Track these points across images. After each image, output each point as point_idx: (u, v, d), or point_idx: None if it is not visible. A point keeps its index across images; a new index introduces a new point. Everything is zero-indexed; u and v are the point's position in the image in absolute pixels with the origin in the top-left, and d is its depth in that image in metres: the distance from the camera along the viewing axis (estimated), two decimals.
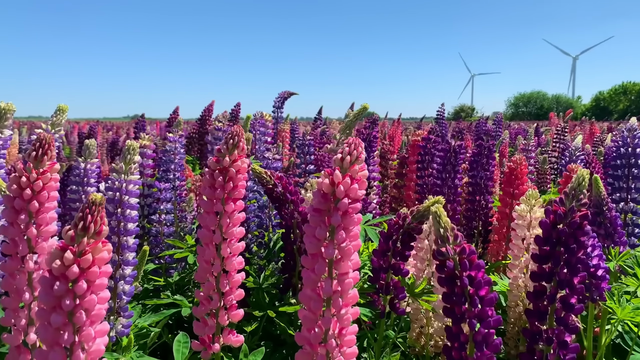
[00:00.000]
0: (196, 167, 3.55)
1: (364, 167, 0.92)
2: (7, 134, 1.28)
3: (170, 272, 1.77)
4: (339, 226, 0.87)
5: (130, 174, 1.18)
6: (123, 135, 4.59)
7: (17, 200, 0.91)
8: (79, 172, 1.54)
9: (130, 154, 1.19)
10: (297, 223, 1.43)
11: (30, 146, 0.96)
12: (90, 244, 0.75)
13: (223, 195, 1.05)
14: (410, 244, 1.24)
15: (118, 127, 10.16)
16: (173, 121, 3.54)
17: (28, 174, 0.92)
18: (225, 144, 1.06)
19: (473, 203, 1.82)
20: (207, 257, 1.09)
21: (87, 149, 1.57)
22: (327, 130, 3.82)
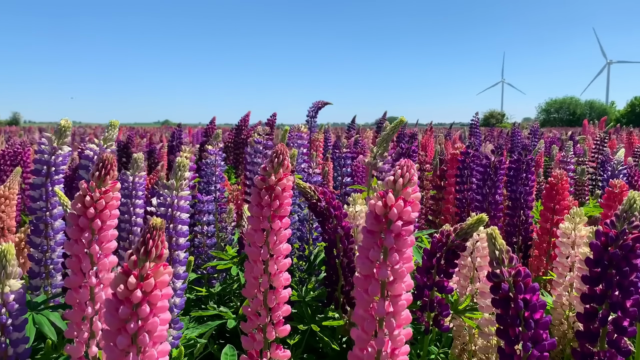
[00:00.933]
0: (232, 176, 3.61)
1: (416, 189, 0.93)
2: (66, 150, 1.33)
3: (212, 282, 1.81)
4: (392, 248, 0.89)
5: (181, 189, 1.22)
6: (159, 144, 4.68)
7: (82, 218, 0.96)
8: (128, 185, 1.59)
9: (181, 171, 1.23)
10: (340, 237, 1.45)
11: (94, 166, 1.00)
12: (152, 268, 0.78)
13: (269, 213, 1.08)
14: (454, 262, 1.24)
15: (151, 134, 10.36)
16: (210, 131, 3.61)
17: (92, 193, 0.96)
18: (270, 163, 1.08)
19: (513, 218, 1.81)
20: (255, 274, 1.11)
21: (135, 162, 1.62)
22: (361, 140, 3.84)
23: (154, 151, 3.75)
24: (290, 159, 1.19)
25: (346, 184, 2.04)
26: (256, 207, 1.09)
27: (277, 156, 1.09)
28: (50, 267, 1.33)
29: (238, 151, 3.43)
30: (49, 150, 1.32)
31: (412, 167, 0.93)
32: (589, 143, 4.97)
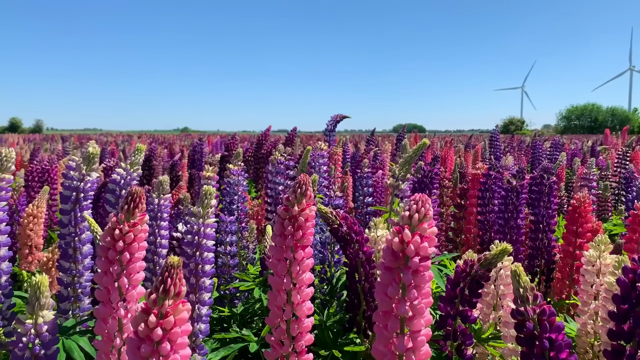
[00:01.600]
0: (251, 189, 3.64)
1: (432, 223, 0.94)
2: (94, 176, 1.37)
3: (235, 302, 1.82)
4: (410, 285, 0.89)
5: (207, 217, 1.24)
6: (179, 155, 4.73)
7: (111, 251, 0.98)
8: (153, 207, 1.61)
9: (207, 199, 1.25)
10: (362, 262, 1.45)
11: (124, 200, 1.03)
12: (171, 306, 0.79)
13: (293, 243, 1.09)
14: (477, 292, 1.24)
15: (171, 143, 10.48)
16: (232, 146, 3.64)
17: (121, 226, 0.99)
18: (293, 193, 1.10)
19: (535, 241, 1.80)
20: (279, 303, 1.13)
21: (161, 184, 1.65)
22: (380, 155, 3.84)
23: (175, 165, 3.79)
24: (312, 184, 1.21)
25: (367, 204, 2.04)
26: (279, 237, 1.10)
27: (300, 186, 1.10)
28: (79, 290, 1.36)
29: (258, 165, 3.45)
30: (78, 177, 1.35)
31: (427, 201, 0.94)
32: (612, 156, 4.89)
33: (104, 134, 29.55)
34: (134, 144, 9.72)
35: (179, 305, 0.81)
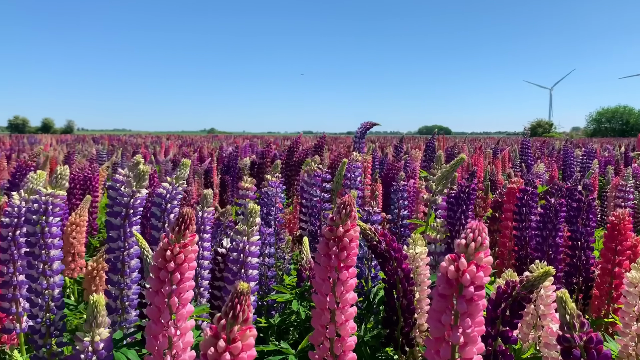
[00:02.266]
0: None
1: (487, 252, 0.95)
2: (143, 193, 1.41)
3: (272, 313, 1.86)
4: (464, 313, 0.91)
5: (252, 235, 1.28)
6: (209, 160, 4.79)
7: (162, 271, 1.02)
8: (197, 220, 1.66)
9: (252, 217, 1.28)
10: (401, 279, 1.47)
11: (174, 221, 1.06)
12: (239, 332, 0.83)
13: (337, 263, 1.12)
14: (519, 313, 1.25)
15: (200, 146, 10.61)
16: (267, 153, 3.69)
17: (172, 247, 1.03)
18: (338, 214, 1.12)
19: (573, 258, 1.78)
20: (322, 322, 1.15)
21: (205, 198, 1.69)
22: (410, 162, 3.84)
23: (210, 171, 3.86)
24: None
25: (403, 216, 2.05)
26: (324, 257, 1.13)
27: (345, 207, 1.12)
28: (126, 303, 1.41)
29: (290, 173, 3.49)
30: (128, 194, 1.40)
31: (483, 230, 0.95)
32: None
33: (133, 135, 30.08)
34: (163, 146, 9.89)
35: (246, 331, 0.84)
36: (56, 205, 1.33)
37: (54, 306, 1.34)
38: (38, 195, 1.32)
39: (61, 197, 1.34)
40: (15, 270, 1.37)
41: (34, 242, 1.31)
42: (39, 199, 1.31)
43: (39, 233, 1.30)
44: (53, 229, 1.32)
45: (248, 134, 62.62)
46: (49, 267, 1.33)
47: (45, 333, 1.33)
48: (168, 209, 1.58)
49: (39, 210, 1.31)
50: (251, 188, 2.10)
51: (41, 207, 1.31)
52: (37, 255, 1.31)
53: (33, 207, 1.31)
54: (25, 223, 1.33)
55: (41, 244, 1.31)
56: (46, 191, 1.32)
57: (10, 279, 1.37)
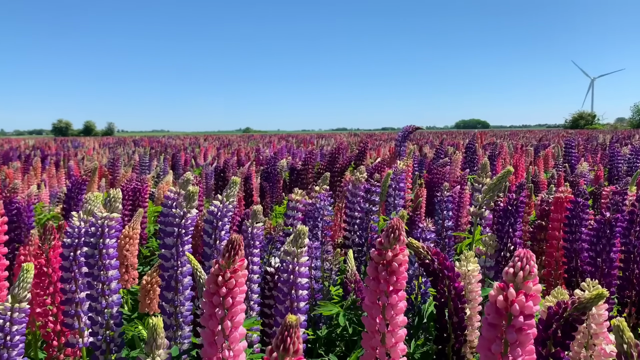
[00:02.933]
0: None
1: (536, 281, 0.95)
2: (194, 213, 1.46)
3: (319, 325, 1.88)
4: (514, 343, 0.91)
5: (301, 256, 1.30)
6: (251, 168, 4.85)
7: (215, 296, 1.06)
8: (247, 235, 1.70)
9: (301, 238, 1.31)
10: (452, 298, 1.47)
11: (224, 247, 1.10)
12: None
13: (387, 287, 1.13)
14: (571, 334, 1.23)
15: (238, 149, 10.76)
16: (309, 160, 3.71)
17: (223, 272, 1.06)
18: (387, 237, 1.13)
19: (626, 271, 1.74)
20: (373, 345, 1.16)
21: (255, 214, 1.72)
22: (450, 168, 3.80)
23: (249, 177, 3.92)
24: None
25: (448, 228, 2.05)
26: (373, 281, 1.14)
27: (394, 231, 1.14)
28: (180, 320, 1.46)
29: (333, 179, 3.51)
30: (180, 215, 1.45)
31: (532, 258, 0.95)
32: None
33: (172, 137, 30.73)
34: (202, 149, 10.06)
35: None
36: (112, 227, 1.39)
37: (113, 324, 1.40)
38: (95, 218, 1.38)
39: (116, 219, 1.40)
40: (77, 288, 1.44)
41: (92, 263, 1.37)
42: (96, 222, 1.37)
43: (97, 255, 1.36)
44: (110, 251, 1.38)
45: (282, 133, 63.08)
46: (107, 286, 1.39)
47: (106, 350, 1.40)
48: (219, 227, 1.62)
49: (96, 233, 1.37)
50: (301, 201, 2.13)
51: (98, 230, 1.37)
52: (96, 275, 1.37)
53: (91, 230, 1.37)
54: (84, 244, 1.39)
55: (99, 265, 1.37)
56: (102, 214, 1.38)
57: (72, 296, 1.44)
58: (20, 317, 1.19)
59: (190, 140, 21.68)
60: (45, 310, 1.53)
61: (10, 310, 1.17)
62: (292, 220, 2.10)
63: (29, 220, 2.35)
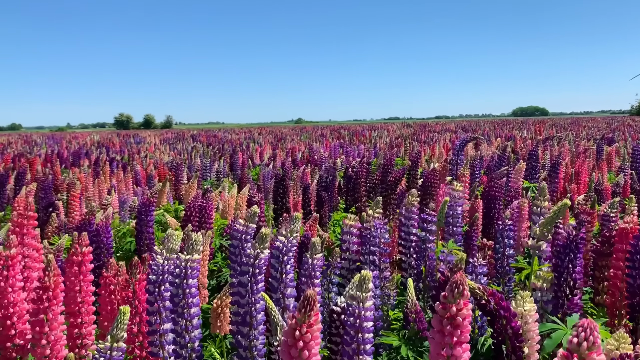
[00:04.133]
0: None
1: (600, 351, 0.99)
2: (266, 253, 1.57)
3: (379, 351, 1.97)
4: None
5: (366, 301, 1.38)
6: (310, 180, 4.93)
7: (293, 349, 1.16)
8: (307, 266, 1.80)
9: (365, 283, 1.39)
10: (510, 337, 1.51)
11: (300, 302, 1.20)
12: None
13: (451, 340, 1.19)
14: None
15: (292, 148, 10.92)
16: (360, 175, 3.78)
17: (299, 327, 1.16)
18: (451, 292, 1.20)
19: None
20: None
21: (314, 246, 1.82)
22: (513, 181, 3.76)
23: (307, 188, 4.03)
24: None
25: (508, 256, 2.07)
26: (438, 334, 1.22)
27: (457, 286, 1.20)
28: (255, 353, 1.58)
29: (385, 193, 3.57)
30: (254, 256, 1.56)
31: (595, 329, 0.99)
32: None
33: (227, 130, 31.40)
34: (258, 149, 10.28)
35: None
36: (194, 268, 1.52)
37: (195, 357, 1.54)
38: (179, 260, 1.52)
39: (198, 261, 1.53)
40: (161, 320, 1.58)
41: (177, 301, 1.51)
42: (180, 264, 1.51)
43: (181, 294, 1.50)
44: (192, 290, 1.51)
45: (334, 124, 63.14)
46: (189, 322, 1.52)
47: None
48: (285, 261, 1.72)
49: (180, 275, 1.50)
50: (355, 225, 2.21)
51: (182, 271, 1.50)
52: (180, 313, 1.51)
53: (175, 271, 1.51)
54: (170, 284, 1.53)
55: (183, 303, 1.51)
56: (185, 257, 1.52)
57: (156, 327, 1.58)
58: (117, 355, 1.33)
59: (245, 135, 22.16)
60: (132, 338, 1.69)
61: (110, 349, 1.32)
62: (347, 244, 2.19)
63: (107, 241, 2.55)
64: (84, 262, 1.90)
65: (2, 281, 1.84)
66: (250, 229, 1.92)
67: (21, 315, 1.88)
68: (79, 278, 1.89)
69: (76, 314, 1.88)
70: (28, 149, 15.26)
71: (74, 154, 10.14)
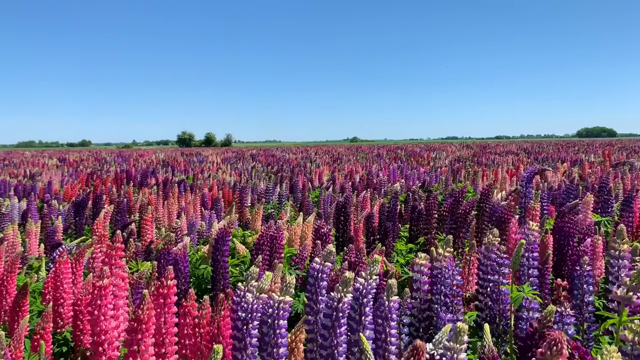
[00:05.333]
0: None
1: None
2: (349, 297, 1.61)
3: None
4: None
5: (460, 352, 1.39)
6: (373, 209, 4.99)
7: None
8: (383, 308, 1.81)
9: (461, 336, 1.40)
10: None
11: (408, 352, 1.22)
12: None
13: None
14: None
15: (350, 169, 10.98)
16: (432, 207, 3.76)
17: None
18: (549, 349, 1.20)
19: None
20: None
21: (390, 288, 1.84)
22: (583, 216, 3.63)
23: (372, 217, 4.05)
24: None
25: (588, 303, 2.01)
26: None
27: (556, 344, 1.20)
28: None
29: (455, 225, 3.53)
30: (337, 299, 1.60)
31: None
32: None
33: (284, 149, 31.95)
34: (317, 172, 10.38)
35: None
36: (286, 310, 1.58)
37: None
38: (272, 300, 1.58)
39: (290, 303, 1.59)
40: (247, 357, 1.64)
41: (267, 340, 1.57)
42: (273, 305, 1.58)
43: (272, 334, 1.56)
44: (282, 331, 1.57)
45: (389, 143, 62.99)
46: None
47: None
48: (364, 303, 1.75)
49: (272, 315, 1.57)
50: (425, 264, 2.21)
51: (275, 312, 1.57)
52: (269, 352, 1.57)
53: (268, 311, 1.57)
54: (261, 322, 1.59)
55: (272, 343, 1.57)
56: (278, 297, 1.58)
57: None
58: None
59: (301, 154, 22.48)
60: None
61: None
62: (419, 284, 2.19)
63: (184, 270, 2.67)
64: (169, 295, 2.01)
65: (96, 309, 1.97)
66: (327, 267, 1.96)
67: (111, 342, 2.00)
68: (164, 310, 1.99)
69: (160, 344, 1.98)
70: (99, 166, 16.12)
71: (142, 173, 10.61)
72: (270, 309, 1.57)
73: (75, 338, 2.29)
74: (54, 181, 9.38)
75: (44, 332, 2.12)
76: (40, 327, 2.12)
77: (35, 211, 5.67)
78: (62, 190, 8.38)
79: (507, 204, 3.66)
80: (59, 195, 7.63)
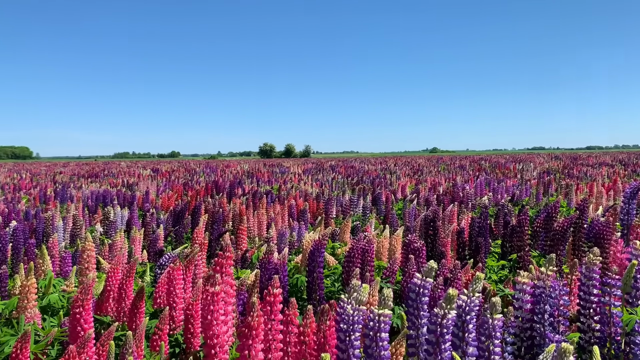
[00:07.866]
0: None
1: None
2: (452, 314, 1.63)
3: None
4: None
5: None
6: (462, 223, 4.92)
7: None
8: (487, 326, 1.82)
9: (566, 357, 1.39)
10: None
11: None
12: None
13: None
14: None
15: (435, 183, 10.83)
16: (523, 223, 3.67)
17: None
18: None
19: None
20: None
21: (494, 306, 1.84)
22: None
23: (462, 232, 4.01)
24: None
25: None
26: None
27: None
28: None
29: (552, 242, 3.42)
30: (441, 315, 1.64)
31: None
32: None
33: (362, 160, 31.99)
34: (400, 184, 10.35)
35: None
36: (386, 323, 1.64)
37: None
38: (372, 313, 1.65)
39: (389, 316, 1.64)
40: None
41: (370, 352, 1.64)
42: (373, 318, 1.64)
43: (374, 346, 1.62)
44: (385, 343, 1.63)
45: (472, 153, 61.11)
46: None
47: None
48: (467, 320, 1.77)
49: (374, 328, 1.63)
50: (528, 283, 2.17)
51: (376, 325, 1.63)
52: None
53: (369, 324, 1.64)
54: (364, 335, 1.66)
55: (375, 355, 1.63)
56: (378, 311, 1.64)
57: None
58: None
59: (381, 166, 22.42)
60: None
61: None
62: (521, 302, 2.16)
63: (284, 279, 2.79)
64: (275, 303, 2.12)
65: (209, 314, 2.13)
66: (429, 283, 1.99)
67: (222, 346, 2.15)
68: (270, 317, 2.11)
69: (267, 350, 2.10)
70: (189, 176, 16.99)
71: (230, 184, 11.09)
72: (372, 322, 1.63)
73: (186, 340, 2.46)
74: (151, 191, 10.03)
75: (162, 333, 2.31)
76: (159, 328, 2.31)
77: (137, 219, 6.12)
78: (158, 199, 8.94)
79: (606, 221, 3.49)
80: (156, 205, 8.16)
